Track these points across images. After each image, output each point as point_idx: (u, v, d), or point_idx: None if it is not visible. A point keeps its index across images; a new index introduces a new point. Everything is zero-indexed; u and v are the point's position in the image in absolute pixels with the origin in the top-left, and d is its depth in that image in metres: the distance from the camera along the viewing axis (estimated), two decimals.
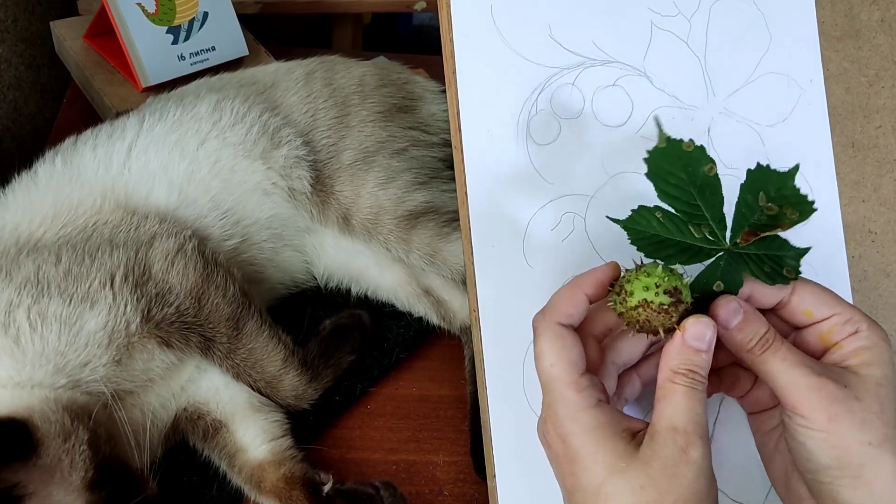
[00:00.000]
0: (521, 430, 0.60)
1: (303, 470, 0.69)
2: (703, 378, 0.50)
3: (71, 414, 0.59)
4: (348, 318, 0.79)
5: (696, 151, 0.51)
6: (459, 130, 0.61)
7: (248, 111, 0.79)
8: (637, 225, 0.52)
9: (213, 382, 0.72)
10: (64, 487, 0.57)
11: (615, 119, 0.62)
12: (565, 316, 0.52)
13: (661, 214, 0.52)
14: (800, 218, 0.50)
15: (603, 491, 0.47)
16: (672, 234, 0.52)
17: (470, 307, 0.62)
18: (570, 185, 0.62)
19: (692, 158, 0.51)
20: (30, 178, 0.75)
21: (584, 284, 0.53)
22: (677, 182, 0.52)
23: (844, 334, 0.52)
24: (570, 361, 0.51)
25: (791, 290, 0.53)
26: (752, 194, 0.51)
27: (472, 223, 0.61)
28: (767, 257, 0.52)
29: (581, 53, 0.62)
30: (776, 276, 0.51)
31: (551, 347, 0.51)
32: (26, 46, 1.07)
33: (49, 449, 0.57)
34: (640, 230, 0.52)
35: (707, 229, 0.52)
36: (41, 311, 0.62)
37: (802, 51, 0.65)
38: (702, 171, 0.51)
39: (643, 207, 0.52)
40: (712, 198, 0.52)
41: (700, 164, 0.51)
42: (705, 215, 0.52)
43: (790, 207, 0.50)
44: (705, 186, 0.51)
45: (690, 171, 0.51)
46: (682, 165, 0.51)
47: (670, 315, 0.50)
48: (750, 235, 0.52)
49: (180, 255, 0.68)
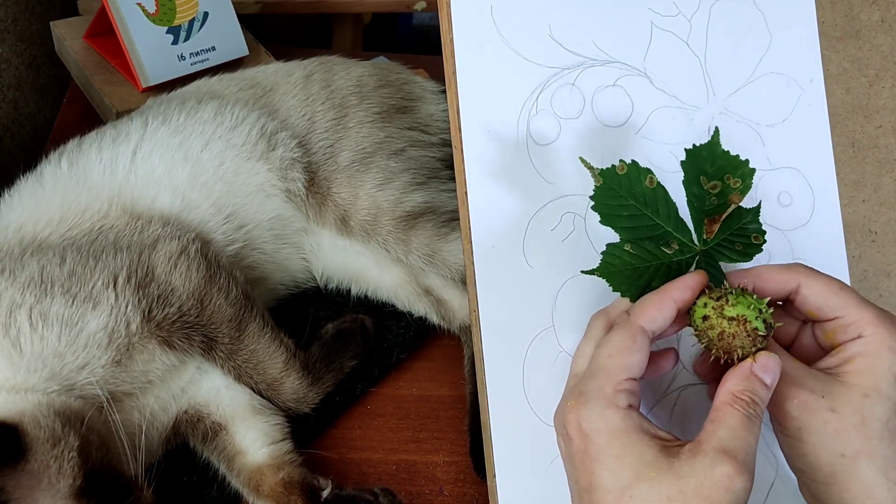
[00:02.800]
0: (520, 430, 0.60)
1: (302, 475, 0.69)
2: (762, 411, 0.48)
3: (62, 419, 0.59)
4: (351, 322, 0.79)
5: (631, 170, 0.51)
6: (459, 130, 0.61)
7: (248, 115, 0.79)
8: (612, 267, 0.52)
9: (213, 384, 0.72)
10: (51, 494, 0.56)
11: (615, 119, 0.62)
12: (650, 320, 0.51)
13: (629, 246, 0.52)
14: (744, 183, 0.50)
15: (627, 494, 0.46)
16: (647, 261, 0.52)
17: (470, 307, 0.62)
18: (570, 185, 0.62)
19: (631, 180, 0.51)
20: (35, 179, 0.75)
21: (674, 291, 0.51)
22: (630, 212, 0.52)
23: (846, 337, 0.51)
24: (628, 363, 0.49)
25: (797, 286, 0.52)
26: (695, 184, 0.51)
27: (472, 223, 0.61)
28: (735, 236, 0.51)
29: (581, 53, 0.62)
30: (749, 248, 0.51)
31: (622, 343, 0.50)
32: (26, 46, 1.07)
33: (37, 454, 0.57)
34: (617, 272, 0.52)
35: (675, 242, 0.52)
36: (43, 312, 0.62)
37: (802, 51, 0.65)
38: (644, 188, 0.51)
39: (610, 245, 0.52)
40: (665, 209, 0.52)
41: (640, 182, 0.51)
42: (667, 230, 0.52)
43: (730, 176, 0.50)
44: (655, 202, 0.51)
45: (635, 192, 0.51)
46: (626, 191, 0.51)
47: (754, 344, 0.49)
48: (712, 225, 0.51)
49: (183, 257, 0.68)
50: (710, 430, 0.47)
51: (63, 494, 0.56)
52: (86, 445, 0.58)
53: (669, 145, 0.63)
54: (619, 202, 0.51)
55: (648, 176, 0.51)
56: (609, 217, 0.52)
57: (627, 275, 0.52)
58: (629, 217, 0.51)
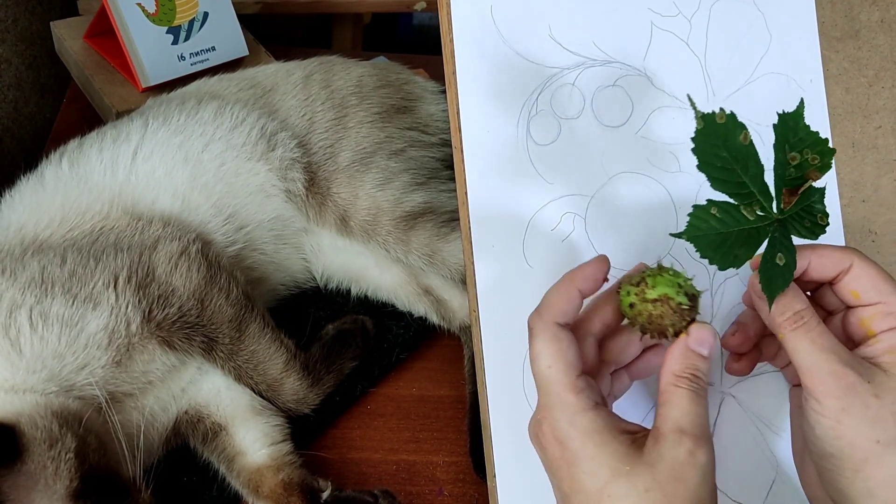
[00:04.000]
0: (520, 430, 0.60)
1: (301, 476, 0.69)
2: (706, 382, 0.49)
3: (60, 420, 0.59)
4: (351, 323, 0.79)
5: (729, 120, 0.50)
6: (459, 130, 0.61)
7: (248, 115, 0.79)
8: (699, 231, 0.50)
9: (214, 384, 0.72)
10: (47, 496, 0.56)
11: (615, 119, 0.62)
12: (561, 314, 0.52)
13: (715, 209, 0.51)
14: (822, 161, 0.49)
15: (606, 493, 0.47)
16: (731, 226, 0.50)
17: (470, 307, 0.62)
18: (570, 185, 0.62)
19: (727, 131, 0.50)
20: (36, 179, 0.75)
21: (576, 279, 0.53)
22: (722, 163, 0.50)
23: (885, 326, 0.51)
24: (567, 363, 0.50)
25: (849, 265, 0.52)
26: (780, 151, 0.50)
27: (472, 223, 0.61)
28: (805, 212, 0.50)
29: (581, 53, 0.62)
30: (816, 228, 0.50)
31: (548, 348, 0.51)
32: (26, 46, 1.07)
33: (34, 455, 0.56)
34: (703, 236, 0.50)
35: (757, 206, 0.51)
36: (43, 312, 0.62)
37: (802, 51, 0.65)
38: (738, 143, 0.50)
39: (697, 207, 0.50)
40: (754, 169, 0.50)
41: (735, 135, 0.50)
42: (752, 191, 0.50)
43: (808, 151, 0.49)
44: (746, 159, 0.50)
45: (729, 145, 0.50)
46: (722, 142, 0.50)
47: (683, 318, 0.50)
48: (789, 196, 0.50)
49: (184, 257, 0.68)
50: (663, 414, 0.48)
51: (59, 496, 0.56)
52: (83, 447, 0.58)
53: (669, 145, 0.63)
54: (714, 151, 0.50)
55: (743, 131, 0.49)
56: (705, 162, 0.50)
57: (713, 239, 0.50)
58: (721, 169, 0.50)
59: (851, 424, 0.48)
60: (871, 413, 0.48)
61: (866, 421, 0.48)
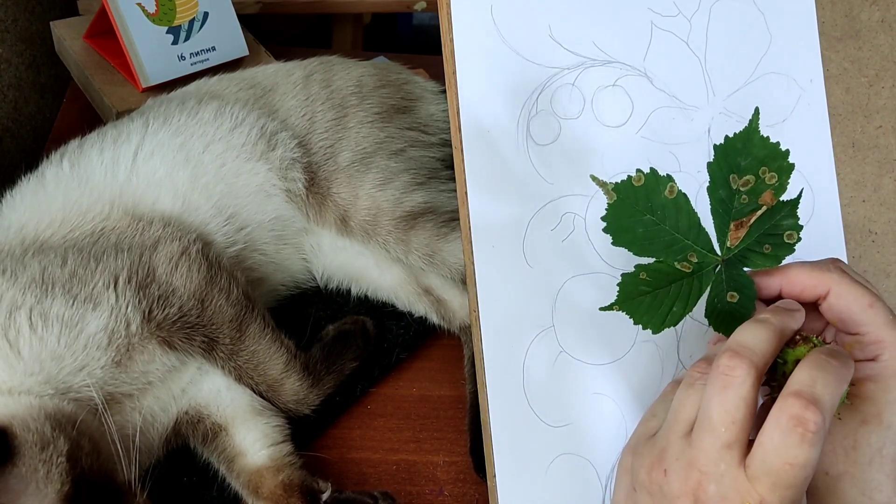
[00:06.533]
0: (520, 430, 0.60)
1: (301, 477, 0.68)
2: None
3: (53, 422, 0.58)
4: (352, 323, 0.79)
5: (649, 180, 0.48)
6: (459, 130, 0.61)
7: (247, 115, 0.79)
8: (629, 296, 0.49)
9: (214, 385, 0.72)
10: (38, 499, 0.55)
11: (615, 119, 0.62)
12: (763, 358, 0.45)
13: (644, 273, 0.49)
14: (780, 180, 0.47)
15: None
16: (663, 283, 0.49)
17: (470, 307, 0.62)
18: (570, 185, 0.62)
19: (648, 191, 0.48)
20: (37, 180, 0.75)
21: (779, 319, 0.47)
22: (645, 227, 0.48)
23: (862, 356, 0.48)
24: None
25: (826, 293, 0.48)
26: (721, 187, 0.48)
27: (472, 223, 0.61)
28: (765, 237, 0.48)
29: (581, 53, 0.62)
30: (780, 249, 0.48)
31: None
32: (26, 46, 1.07)
33: (26, 458, 0.55)
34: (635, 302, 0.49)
35: (693, 256, 0.49)
36: (43, 312, 0.62)
37: (803, 51, 0.65)
38: (663, 199, 0.48)
39: (625, 276, 0.49)
40: (685, 220, 0.48)
41: (659, 192, 0.48)
42: (686, 243, 0.49)
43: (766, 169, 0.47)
44: (675, 212, 0.48)
45: (652, 204, 0.48)
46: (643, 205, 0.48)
47: None
48: (738, 229, 0.48)
49: (184, 257, 0.68)
50: None
51: (50, 500, 0.55)
52: (75, 450, 0.57)
53: (669, 145, 0.63)
54: (633, 218, 0.48)
55: (669, 185, 0.47)
56: (622, 236, 0.48)
57: (647, 303, 0.49)
58: (644, 233, 0.48)
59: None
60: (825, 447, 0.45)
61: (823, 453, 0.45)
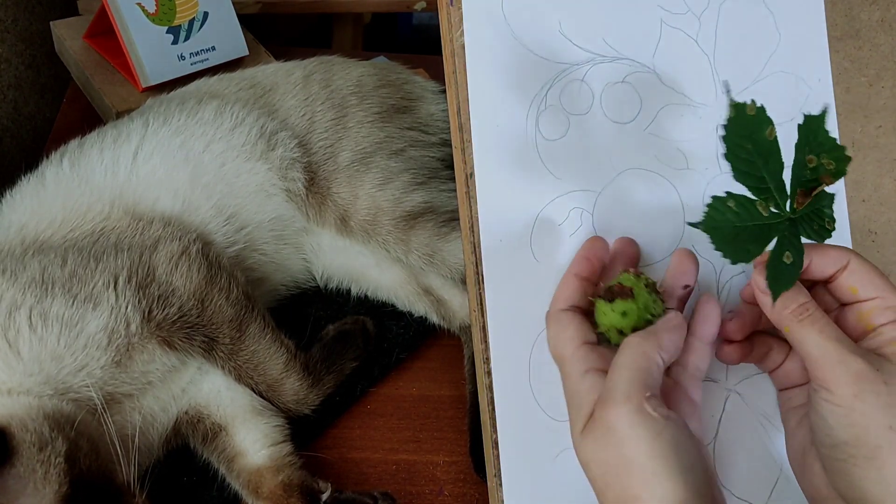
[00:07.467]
0: (526, 425, 0.60)
1: (301, 477, 0.68)
2: None
3: (51, 423, 0.58)
4: (352, 323, 0.79)
5: (759, 113, 0.50)
6: (459, 130, 0.61)
7: (247, 115, 0.79)
8: (715, 222, 0.51)
9: (214, 384, 0.72)
10: (36, 500, 0.55)
11: (624, 115, 0.62)
12: (562, 301, 0.57)
13: (733, 203, 0.51)
14: (836, 167, 0.49)
15: None
16: (745, 220, 0.51)
17: (470, 307, 0.62)
18: (578, 180, 0.62)
19: (755, 123, 0.50)
20: (37, 179, 0.75)
21: (573, 267, 0.59)
22: (746, 155, 0.50)
23: (884, 319, 0.52)
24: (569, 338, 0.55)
25: (846, 263, 0.53)
26: (801, 152, 0.50)
27: (480, 217, 0.61)
28: (815, 214, 0.51)
29: (591, 50, 0.62)
30: (823, 231, 0.51)
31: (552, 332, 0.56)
32: (26, 46, 1.07)
33: (24, 458, 0.55)
34: (719, 227, 0.51)
35: (772, 203, 0.51)
36: (43, 312, 0.62)
37: (811, 50, 0.65)
38: (763, 137, 0.50)
39: (716, 199, 0.51)
40: (775, 165, 0.51)
41: (762, 129, 0.50)
42: (769, 187, 0.51)
43: (825, 156, 0.49)
44: (768, 154, 0.50)
45: (755, 138, 0.50)
46: (748, 134, 0.50)
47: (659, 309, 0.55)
48: (802, 197, 0.51)
49: (184, 257, 0.68)
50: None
51: (49, 500, 0.55)
52: (73, 451, 0.57)
53: (678, 142, 0.63)
54: (741, 142, 0.50)
55: (770, 127, 0.50)
56: (733, 152, 0.50)
57: (728, 232, 0.51)
58: (745, 161, 0.50)
59: (865, 411, 0.48)
60: (883, 399, 0.48)
61: (879, 407, 0.48)
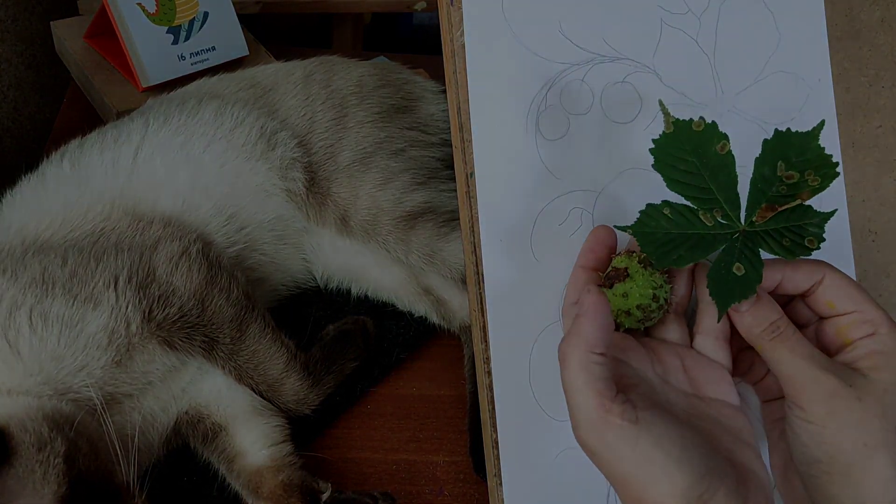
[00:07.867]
0: (526, 425, 0.60)
1: (301, 477, 0.68)
2: None
3: (50, 423, 0.58)
4: (352, 323, 0.79)
5: (708, 130, 0.50)
6: (459, 130, 0.61)
7: (248, 115, 0.79)
8: (646, 227, 0.51)
9: (214, 384, 0.72)
10: (35, 500, 0.55)
11: (624, 115, 0.62)
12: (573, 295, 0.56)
13: (668, 210, 0.51)
14: (822, 184, 0.49)
15: None
16: (682, 227, 0.51)
17: (470, 307, 0.62)
18: (578, 180, 0.62)
19: (703, 138, 0.50)
20: (37, 179, 0.75)
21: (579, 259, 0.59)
22: (687, 167, 0.51)
23: (861, 334, 0.51)
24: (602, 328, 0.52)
25: (821, 277, 0.53)
26: (769, 166, 0.50)
27: (480, 217, 0.61)
28: (787, 230, 0.51)
29: (591, 50, 0.62)
30: (797, 248, 0.50)
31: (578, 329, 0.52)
32: (26, 46, 1.07)
33: (22, 459, 0.55)
34: (650, 232, 0.51)
35: (719, 213, 0.51)
36: (43, 312, 0.62)
37: (811, 50, 0.65)
38: (713, 151, 0.50)
39: (650, 206, 0.51)
40: (725, 178, 0.51)
41: (712, 144, 0.50)
42: (717, 198, 0.51)
43: (812, 172, 0.49)
44: (718, 167, 0.50)
45: (701, 152, 0.50)
46: (693, 148, 0.50)
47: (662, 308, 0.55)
48: (768, 211, 0.50)
49: (185, 257, 0.68)
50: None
51: (47, 501, 0.55)
52: (72, 451, 0.57)
53: None
54: (680, 155, 0.50)
55: (722, 142, 0.50)
56: (663, 165, 0.51)
57: (659, 238, 0.51)
58: (683, 172, 0.50)
59: (838, 428, 0.48)
60: (856, 416, 0.48)
61: (852, 424, 0.48)
